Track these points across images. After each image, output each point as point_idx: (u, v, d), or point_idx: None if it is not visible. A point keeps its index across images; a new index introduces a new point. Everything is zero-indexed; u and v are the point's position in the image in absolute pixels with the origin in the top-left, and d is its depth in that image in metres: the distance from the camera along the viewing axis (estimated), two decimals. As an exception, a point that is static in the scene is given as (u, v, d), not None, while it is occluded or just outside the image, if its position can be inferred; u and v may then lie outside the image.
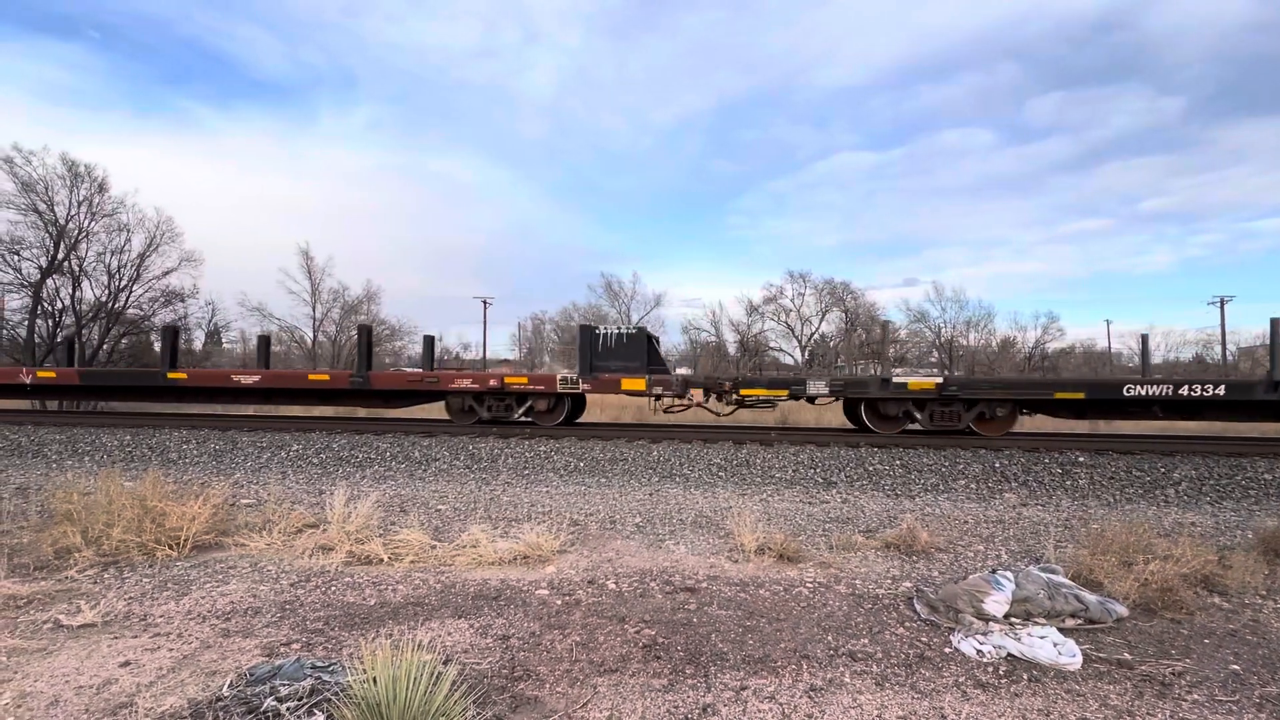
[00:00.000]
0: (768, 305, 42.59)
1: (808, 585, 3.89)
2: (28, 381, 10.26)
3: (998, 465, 7.62)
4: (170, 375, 10.00)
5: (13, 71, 65.60)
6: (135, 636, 3.05)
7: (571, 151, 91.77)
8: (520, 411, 9.71)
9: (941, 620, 3.28)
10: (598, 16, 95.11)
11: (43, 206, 19.78)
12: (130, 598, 3.56)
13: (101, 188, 21.11)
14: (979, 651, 2.91)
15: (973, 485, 7.25)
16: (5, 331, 18.66)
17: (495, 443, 8.73)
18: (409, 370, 10.18)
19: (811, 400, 9.50)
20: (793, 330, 42.49)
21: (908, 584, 3.94)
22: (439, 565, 4.23)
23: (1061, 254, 70.88)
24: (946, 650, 2.96)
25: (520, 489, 7.06)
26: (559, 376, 9.33)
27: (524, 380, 9.42)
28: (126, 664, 2.75)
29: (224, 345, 35.69)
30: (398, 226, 76.15)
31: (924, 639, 3.10)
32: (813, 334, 42.06)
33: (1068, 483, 7.20)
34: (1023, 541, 5.08)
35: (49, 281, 20.04)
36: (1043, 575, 3.53)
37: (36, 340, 18.82)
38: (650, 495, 6.78)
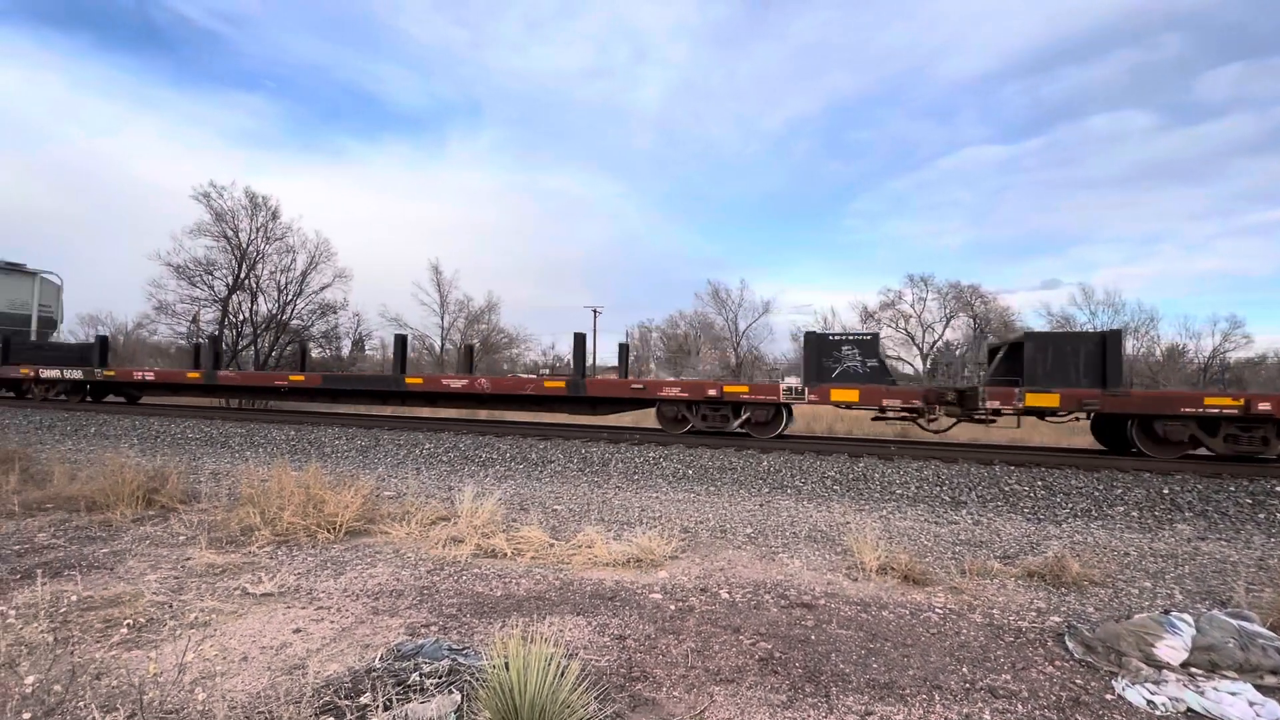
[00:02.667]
0: (884, 311, 40.33)
1: (937, 611, 3.62)
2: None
3: (1166, 491, 6.66)
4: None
5: (211, 120, 78.10)
6: (304, 608, 3.47)
7: (679, 162, 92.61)
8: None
9: (1100, 663, 2.92)
10: (705, 29, 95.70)
11: (230, 233, 23.30)
12: (298, 573, 4.06)
13: (275, 215, 24.45)
14: (1149, 703, 2.56)
15: (1134, 513, 6.39)
16: (198, 340, 22.04)
17: (606, 448, 8.97)
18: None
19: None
20: (913, 338, 39.87)
21: (1056, 618, 3.54)
22: (557, 563, 4.42)
23: (1246, 248, 60.61)
24: (1108, 697, 2.63)
25: (630, 493, 7.20)
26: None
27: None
28: (298, 631, 3.14)
29: (366, 352, 39.71)
30: (516, 240, 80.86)
31: (1078, 681, 2.77)
32: (935, 342, 39.19)
33: (1260, 515, 6.14)
34: (1202, 581, 4.40)
35: (234, 297, 23.51)
36: (1232, 622, 3.03)
37: (224, 347, 22.10)
38: (761, 506, 6.65)
